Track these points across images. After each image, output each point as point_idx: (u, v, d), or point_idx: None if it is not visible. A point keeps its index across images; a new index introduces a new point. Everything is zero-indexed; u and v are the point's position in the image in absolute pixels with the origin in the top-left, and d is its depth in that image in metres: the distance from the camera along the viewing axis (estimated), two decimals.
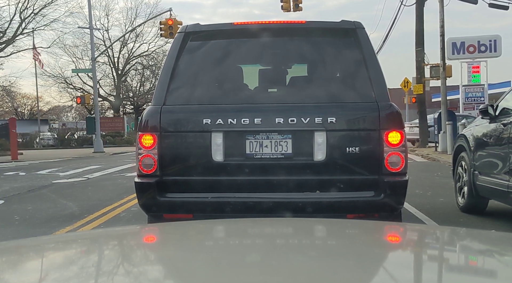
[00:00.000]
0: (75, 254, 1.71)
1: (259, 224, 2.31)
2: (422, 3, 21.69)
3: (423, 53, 21.71)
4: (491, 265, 1.54)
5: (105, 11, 61.76)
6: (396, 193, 4.24)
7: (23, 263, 1.59)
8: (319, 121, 4.23)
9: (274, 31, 4.77)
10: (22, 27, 32.91)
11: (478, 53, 21.36)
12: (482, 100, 21.66)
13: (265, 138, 4.29)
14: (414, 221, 6.39)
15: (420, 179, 10.62)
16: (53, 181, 12.63)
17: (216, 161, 4.29)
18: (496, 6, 18.93)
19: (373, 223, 2.58)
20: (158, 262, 1.57)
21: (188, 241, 1.84)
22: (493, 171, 6.17)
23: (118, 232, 2.40)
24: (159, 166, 4.31)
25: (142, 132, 4.35)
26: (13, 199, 9.79)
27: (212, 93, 4.68)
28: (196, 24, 4.77)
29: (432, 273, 1.46)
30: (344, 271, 1.35)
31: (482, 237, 1.97)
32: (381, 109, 4.26)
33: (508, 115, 6.09)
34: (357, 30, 4.58)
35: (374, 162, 4.23)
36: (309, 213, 4.26)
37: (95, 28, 39.21)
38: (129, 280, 1.37)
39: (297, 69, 5.14)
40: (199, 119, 4.32)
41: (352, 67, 4.63)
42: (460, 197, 7.18)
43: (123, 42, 46.15)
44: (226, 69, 4.77)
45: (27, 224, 7.09)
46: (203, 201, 4.35)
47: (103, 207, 8.20)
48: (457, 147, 7.50)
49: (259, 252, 1.60)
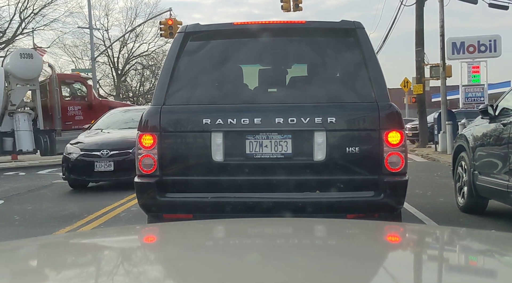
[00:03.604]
0: (75, 254, 1.71)
1: (259, 224, 2.31)
2: (422, 3, 21.69)
3: (423, 53, 21.70)
4: (491, 265, 1.54)
5: (105, 11, 61.58)
6: (396, 193, 4.24)
7: (23, 263, 1.59)
8: (319, 121, 4.22)
9: (274, 31, 4.77)
10: (22, 27, 32.93)
11: (478, 53, 21.37)
12: (482, 100, 21.67)
13: (265, 138, 4.29)
14: (414, 221, 6.38)
15: (420, 179, 10.61)
16: (53, 181, 12.62)
17: (216, 161, 4.29)
18: (496, 6, 18.93)
19: (373, 223, 2.58)
20: (158, 262, 1.57)
21: (188, 241, 1.84)
22: (493, 171, 6.17)
23: (118, 232, 2.40)
24: (159, 166, 4.31)
25: (142, 132, 4.35)
26: (13, 199, 9.79)
27: (212, 93, 4.68)
28: (196, 24, 4.76)
29: (432, 273, 1.46)
30: (344, 271, 1.35)
31: (482, 237, 1.97)
32: (381, 109, 4.26)
33: (508, 115, 6.09)
34: (357, 30, 4.58)
35: (374, 162, 4.23)
36: (309, 213, 4.26)
37: (95, 28, 39.17)
38: (129, 280, 1.37)
39: (297, 69, 5.14)
40: (199, 119, 4.32)
41: (352, 67, 4.63)
42: (460, 197, 7.18)
43: (123, 42, 46.10)
44: (226, 69, 4.77)
45: (27, 224, 7.09)
46: (203, 201, 4.35)
47: (103, 207, 8.19)
48: (457, 146, 7.50)
49: (259, 252, 1.60)
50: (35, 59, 17.35)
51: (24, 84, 17.43)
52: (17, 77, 17.05)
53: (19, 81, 17.23)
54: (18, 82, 17.22)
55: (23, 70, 16.91)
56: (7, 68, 17.10)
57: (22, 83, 17.33)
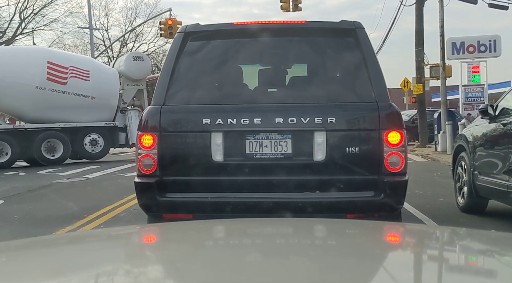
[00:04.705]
0: (75, 254, 1.71)
1: (259, 224, 2.31)
2: (422, 3, 21.67)
3: (423, 53, 21.69)
4: (491, 265, 1.54)
5: (104, 11, 61.64)
6: (396, 193, 4.24)
7: (23, 263, 1.59)
8: (319, 121, 4.22)
9: (274, 31, 4.77)
10: (21, 27, 32.94)
11: (478, 53, 21.32)
12: (482, 100, 21.63)
13: (265, 138, 4.29)
14: (414, 221, 6.38)
15: (420, 179, 10.61)
16: (53, 180, 12.63)
17: (216, 161, 4.29)
18: (496, 6, 18.92)
19: (373, 223, 2.58)
20: (158, 262, 1.57)
21: (188, 241, 1.84)
22: (493, 171, 6.17)
23: (118, 232, 2.40)
24: (159, 166, 4.30)
25: (142, 132, 4.35)
26: (13, 199, 9.78)
27: (212, 93, 4.68)
28: (196, 24, 4.76)
29: (432, 273, 1.46)
30: (344, 271, 1.35)
31: (482, 237, 1.97)
32: (381, 109, 4.26)
33: (508, 115, 6.09)
34: (357, 30, 4.58)
35: (374, 162, 4.23)
36: (309, 213, 4.26)
37: (95, 28, 39.21)
38: (129, 280, 1.37)
39: (297, 69, 5.14)
40: (199, 119, 4.31)
41: (352, 67, 4.63)
42: (460, 197, 7.18)
43: (123, 42, 46.10)
44: (226, 69, 4.77)
45: (27, 224, 7.08)
46: (203, 201, 4.35)
47: (103, 207, 8.19)
48: (457, 147, 7.50)
49: (259, 252, 1.60)
50: (145, 61, 19.86)
51: (134, 84, 19.51)
52: (129, 78, 19.20)
53: (130, 81, 19.37)
54: (129, 82, 19.38)
55: (135, 71, 19.17)
56: (120, 70, 19.16)
57: (132, 83, 19.43)
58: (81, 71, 17.80)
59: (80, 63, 18.18)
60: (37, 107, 17.10)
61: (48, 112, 17.31)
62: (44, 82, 17.04)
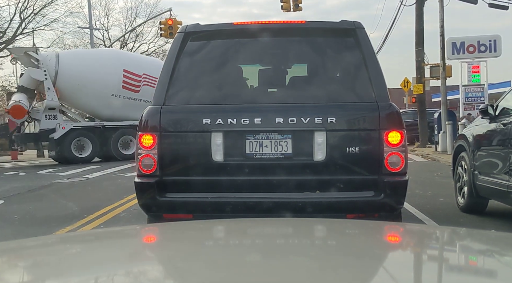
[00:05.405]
0: (75, 254, 1.71)
1: (259, 224, 2.31)
2: (422, 3, 21.68)
3: (423, 53, 21.69)
4: (491, 265, 1.54)
5: (105, 11, 61.67)
6: (396, 193, 4.24)
7: (23, 263, 1.59)
8: (319, 121, 4.22)
9: (274, 31, 4.77)
10: (22, 27, 32.91)
11: (478, 53, 21.31)
12: (482, 100, 21.62)
13: (265, 138, 4.29)
14: (414, 221, 6.38)
15: (420, 179, 10.61)
16: (53, 181, 12.63)
17: (216, 161, 4.29)
18: (496, 6, 18.92)
19: (373, 223, 2.58)
20: (158, 262, 1.57)
21: (188, 241, 1.84)
22: (493, 171, 6.16)
23: (118, 232, 2.40)
24: (159, 166, 4.30)
25: (142, 132, 4.35)
26: (13, 199, 9.79)
27: (212, 93, 4.68)
28: (196, 24, 4.76)
29: (432, 273, 1.46)
30: (344, 271, 1.35)
31: (482, 237, 1.97)
32: (381, 109, 4.26)
33: (508, 115, 6.09)
34: (357, 30, 4.58)
35: (374, 161, 4.22)
36: (309, 213, 4.26)
37: (95, 28, 39.19)
38: (129, 280, 1.37)
39: (297, 69, 5.14)
40: (199, 119, 4.31)
41: (352, 67, 4.62)
42: (460, 197, 7.18)
43: (123, 42, 46.06)
44: (226, 69, 4.77)
45: (27, 224, 7.08)
46: (203, 201, 4.35)
47: (103, 207, 8.19)
48: (457, 147, 7.49)
49: (259, 252, 1.60)
50: None
51: None
52: None
53: None
54: None
55: None
56: None
57: None
58: (153, 79, 18.47)
59: (152, 70, 18.93)
60: (110, 108, 19.04)
61: (120, 111, 19.08)
62: (119, 90, 18.92)
